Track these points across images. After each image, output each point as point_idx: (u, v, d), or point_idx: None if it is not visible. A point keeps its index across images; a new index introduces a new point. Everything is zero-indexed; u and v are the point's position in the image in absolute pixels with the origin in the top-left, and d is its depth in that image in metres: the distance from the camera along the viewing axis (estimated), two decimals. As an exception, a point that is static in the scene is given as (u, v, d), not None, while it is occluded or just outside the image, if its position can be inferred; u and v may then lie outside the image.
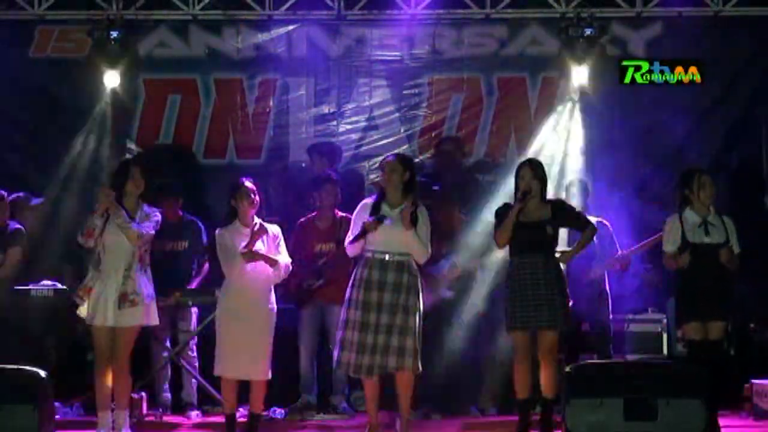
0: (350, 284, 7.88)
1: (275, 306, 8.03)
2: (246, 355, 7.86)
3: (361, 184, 10.74)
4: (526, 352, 7.95)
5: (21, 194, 9.77)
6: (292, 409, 9.30)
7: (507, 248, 8.10)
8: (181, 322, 9.47)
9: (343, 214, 9.36)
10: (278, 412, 9.16)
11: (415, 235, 7.76)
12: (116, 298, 7.79)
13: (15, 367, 7.55)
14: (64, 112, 10.73)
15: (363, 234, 7.75)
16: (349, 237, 7.89)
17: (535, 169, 8.02)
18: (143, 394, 9.05)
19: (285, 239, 8.18)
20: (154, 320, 8.04)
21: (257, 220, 8.05)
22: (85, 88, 10.61)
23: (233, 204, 8.04)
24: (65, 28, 10.82)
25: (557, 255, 8.08)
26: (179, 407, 9.40)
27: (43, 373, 7.43)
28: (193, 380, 9.43)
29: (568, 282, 9.06)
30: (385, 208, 7.85)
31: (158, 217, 8.07)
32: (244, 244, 7.88)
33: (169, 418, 9.18)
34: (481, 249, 9.17)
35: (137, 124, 10.91)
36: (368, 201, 8.02)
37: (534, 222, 7.93)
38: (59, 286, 9.15)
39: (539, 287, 7.87)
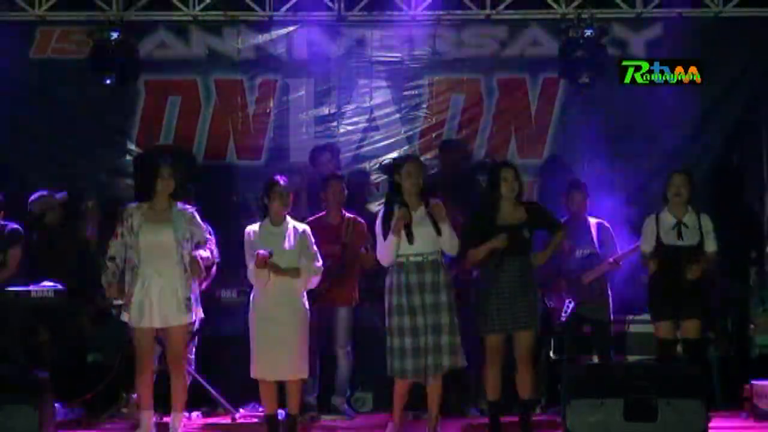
0: (387, 290, 7.88)
1: (307, 305, 8.04)
2: (282, 355, 7.88)
3: (361, 185, 10.74)
4: (499, 354, 8.01)
5: (44, 192, 9.78)
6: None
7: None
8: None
9: (351, 216, 9.35)
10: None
11: (449, 227, 7.79)
12: (176, 301, 7.84)
13: (15, 367, 7.55)
14: (65, 113, 10.74)
15: (406, 228, 7.72)
16: (381, 247, 7.86)
17: (516, 173, 8.03)
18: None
19: None
20: (200, 315, 8.14)
21: (289, 220, 8.07)
22: (85, 89, 10.62)
23: (265, 202, 8.04)
24: (66, 29, 10.83)
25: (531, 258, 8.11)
26: (169, 408, 9.36)
27: (43, 374, 7.43)
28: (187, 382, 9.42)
29: (570, 283, 9.09)
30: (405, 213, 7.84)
31: (197, 218, 8.10)
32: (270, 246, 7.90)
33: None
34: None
35: (137, 125, 10.92)
36: (385, 208, 7.98)
37: (511, 225, 7.94)
38: (59, 286, 9.14)
39: (516, 290, 7.90)
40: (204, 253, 8.00)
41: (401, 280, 7.80)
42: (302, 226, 8.13)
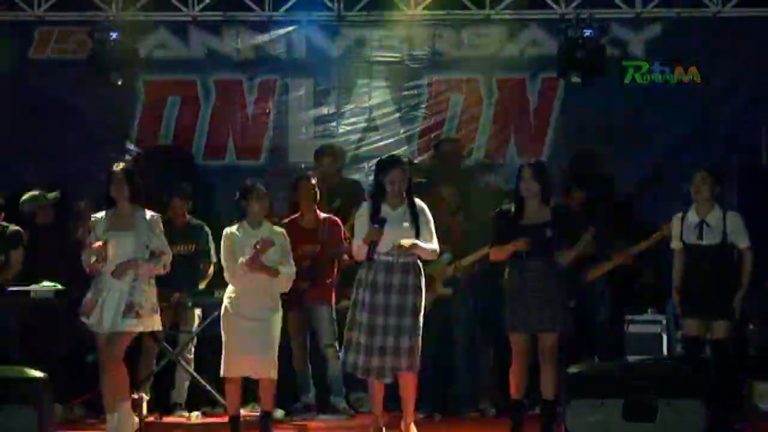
0: (356, 285, 7.88)
1: (280, 306, 8.02)
2: (252, 354, 7.84)
3: (360, 185, 10.73)
4: (524, 353, 7.93)
5: (35, 192, 9.76)
6: (292, 411, 9.30)
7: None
8: (184, 323, 9.46)
9: (326, 215, 9.32)
10: (278, 413, 9.16)
11: (423, 239, 7.78)
12: (121, 307, 7.73)
13: (15, 368, 7.54)
14: (65, 114, 10.73)
15: (371, 244, 7.76)
16: (356, 241, 7.88)
17: (534, 171, 7.99)
18: (143, 395, 9.02)
19: None
20: (157, 326, 8.04)
21: (266, 222, 8.06)
22: (85, 90, 10.62)
23: (243, 205, 8.03)
24: (65, 29, 10.84)
25: (558, 257, 8.05)
26: (168, 407, 9.37)
27: (43, 375, 7.42)
28: (186, 382, 9.43)
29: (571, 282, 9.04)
30: (386, 209, 7.84)
31: (161, 225, 8.02)
32: (249, 249, 7.85)
33: (169, 419, 9.17)
34: (479, 248, 9.15)
35: (137, 125, 10.92)
36: (367, 203, 8.00)
37: (534, 225, 7.92)
38: (59, 286, 9.14)
39: (539, 290, 7.84)
40: (149, 265, 7.88)
41: (369, 278, 7.79)
42: (280, 229, 8.13)
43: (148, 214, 7.92)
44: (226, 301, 7.98)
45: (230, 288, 7.98)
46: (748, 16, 10.65)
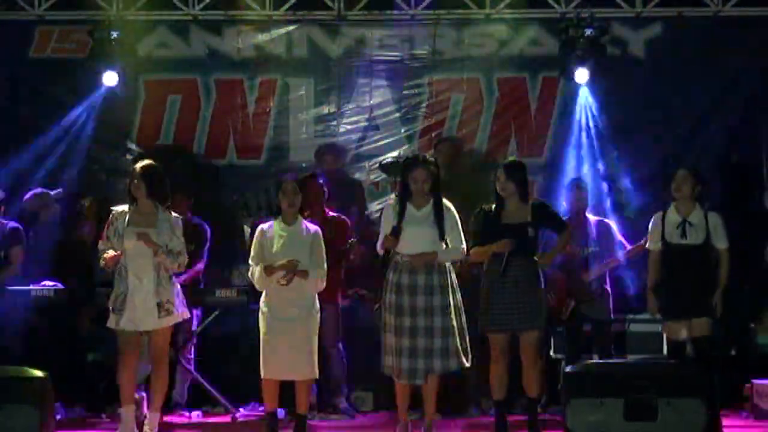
0: (384, 285, 7.91)
1: (318, 305, 8.05)
2: (295, 355, 7.88)
3: (361, 185, 10.74)
4: (502, 352, 7.97)
5: (38, 190, 9.77)
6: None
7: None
8: (184, 323, 9.45)
9: (334, 214, 9.32)
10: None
11: (449, 239, 7.82)
12: (152, 306, 7.84)
13: (16, 367, 7.55)
14: (65, 113, 10.73)
15: (387, 251, 7.81)
16: (379, 240, 7.93)
17: (509, 172, 8.01)
18: (143, 394, 9.03)
19: None
20: (187, 315, 8.20)
21: (302, 220, 8.12)
22: (85, 89, 10.62)
23: (276, 201, 8.12)
24: (65, 28, 10.82)
25: (536, 258, 8.05)
26: (168, 407, 9.36)
27: (44, 374, 7.43)
28: (186, 382, 9.42)
29: (571, 281, 9.04)
30: (410, 209, 7.86)
31: (181, 227, 8.12)
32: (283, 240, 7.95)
33: (168, 418, 9.17)
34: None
35: (137, 124, 10.92)
36: (392, 202, 8.05)
37: (515, 224, 7.94)
38: (60, 286, 9.14)
39: (518, 289, 7.87)
40: (167, 258, 7.93)
41: (394, 279, 7.83)
42: (314, 227, 8.16)
43: (173, 215, 8.02)
44: (262, 301, 8.02)
45: (268, 289, 8.00)
46: (748, 16, 10.64)
